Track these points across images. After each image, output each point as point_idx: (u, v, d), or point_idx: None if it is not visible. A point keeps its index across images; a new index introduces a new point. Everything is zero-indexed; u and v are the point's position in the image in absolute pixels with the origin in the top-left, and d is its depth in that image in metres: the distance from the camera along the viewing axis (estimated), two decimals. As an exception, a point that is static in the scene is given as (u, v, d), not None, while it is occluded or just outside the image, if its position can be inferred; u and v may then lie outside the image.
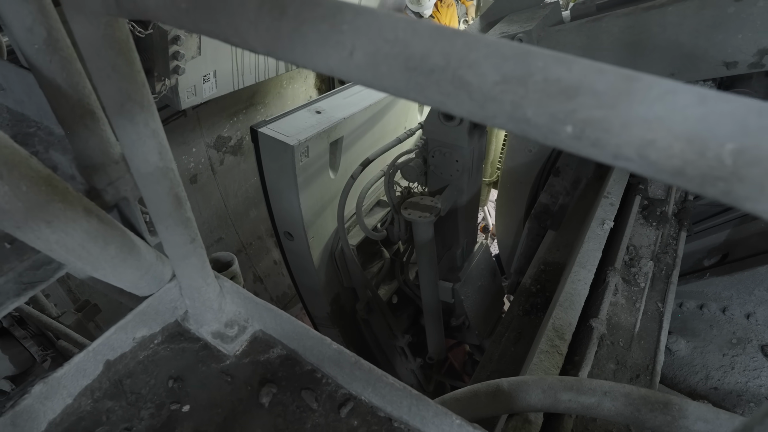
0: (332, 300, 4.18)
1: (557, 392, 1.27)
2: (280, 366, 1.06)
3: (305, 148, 3.19)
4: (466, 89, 0.36)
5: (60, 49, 0.75)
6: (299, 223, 3.52)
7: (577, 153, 0.35)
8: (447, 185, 3.19)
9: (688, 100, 0.31)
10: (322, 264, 3.94)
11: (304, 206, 3.42)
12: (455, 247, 3.66)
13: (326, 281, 4.04)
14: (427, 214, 3.05)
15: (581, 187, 3.22)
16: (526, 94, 0.34)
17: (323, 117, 3.45)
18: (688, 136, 0.31)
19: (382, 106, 4.02)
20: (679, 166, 0.31)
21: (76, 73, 0.77)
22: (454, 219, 3.47)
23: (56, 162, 0.89)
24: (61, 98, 0.77)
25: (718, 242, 2.81)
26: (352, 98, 3.82)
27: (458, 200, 3.30)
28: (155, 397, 1.01)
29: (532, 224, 3.21)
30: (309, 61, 0.42)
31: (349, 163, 3.55)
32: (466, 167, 3.09)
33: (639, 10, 2.41)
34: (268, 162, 3.35)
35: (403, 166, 3.23)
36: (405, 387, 0.88)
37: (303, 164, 3.24)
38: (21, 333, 2.92)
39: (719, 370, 2.34)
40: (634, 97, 0.32)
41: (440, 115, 2.89)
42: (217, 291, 1.03)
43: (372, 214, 4.22)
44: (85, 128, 0.81)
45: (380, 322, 4.17)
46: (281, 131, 3.18)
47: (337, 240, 3.86)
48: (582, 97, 0.33)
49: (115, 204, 0.93)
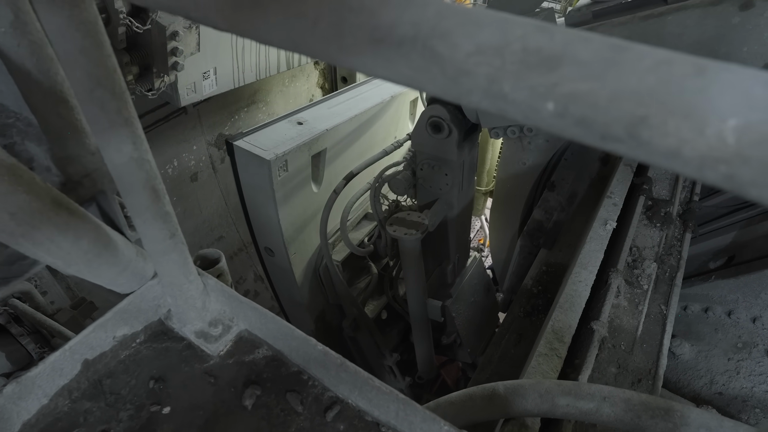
0: (317, 317, 4.03)
1: (554, 397, 1.23)
2: (265, 367, 1.02)
3: (283, 162, 3.06)
4: (438, 62, 0.33)
5: (29, 33, 0.71)
6: (279, 239, 3.39)
7: (561, 134, 0.31)
8: (436, 199, 3.07)
9: (685, 70, 0.27)
10: (306, 280, 3.80)
11: (283, 222, 3.29)
12: (446, 262, 3.54)
13: (310, 298, 3.90)
14: (414, 231, 2.93)
15: (577, 202, 3.11)
16: (502, 66, 0.30)
17: (304, 128, 3.31)
18: (685, 110, 0.27)
19: (369, 115, 3.86)
20: (675, 146, 0.27)
21: (47, 59, 0.74)
22: (444, 234, 3.35)
23: (32, 153, 0.86)
24: (32, 85, 0.73)
25: (724, 244, 2.75)
26: (336, 108, 3.67)
27: (448, 215, 3.18)
28: (135, 398, 0.97)
29: (525, 242, 3.05)
30: (270, 35, 0.38)
31: (334, 176, 3.42)
32: (456, 181, 2.98)
33: (637, 18, 2.31)
34: (245, 176, 3.23)
35: (390, 179, 3.09)
36: (392, 391, 0.84)
37: (282, 179, 3.12)
38: (18, 330, 2.90)
39: (724, 375, 2.29)
40: (624, 67, 0.28)
41: (428, 126, 2.78)
42: (201, 289, 1.00)
43: (360, 227, 4.07)
44: (59, 117, 0.77)
45: (367, 339, 4.03)
46: (258, 144, 3.06)
47: (321, 255, 3.71)
48: (565, 68, 0.29)
49: (92, 197, 0.89)
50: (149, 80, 3.21)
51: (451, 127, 2.70)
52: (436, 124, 2.74)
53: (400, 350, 4.21)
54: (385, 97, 3.98)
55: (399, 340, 4.26)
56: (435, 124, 2.75)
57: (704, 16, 2.15)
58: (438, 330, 3.74)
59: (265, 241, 3.56)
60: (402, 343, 4.27)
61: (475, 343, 3.79)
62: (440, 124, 2.73)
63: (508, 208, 3.53)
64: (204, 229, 5.08)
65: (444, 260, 3.53)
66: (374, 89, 4.11)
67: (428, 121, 2.76)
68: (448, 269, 3.54)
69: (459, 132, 2.73)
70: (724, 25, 2.14)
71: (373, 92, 4.04)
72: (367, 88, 4.11)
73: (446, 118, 2.69)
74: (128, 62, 2.97)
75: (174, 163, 4.51)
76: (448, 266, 3.53)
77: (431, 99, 2.81)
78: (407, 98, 4.34)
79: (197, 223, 4.99)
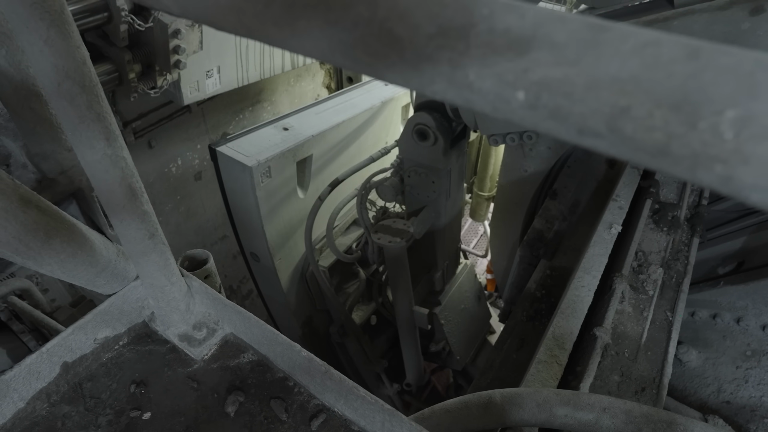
0: (304, 322, 4.03)
1: (553, 407, 1.18)
2: (250, 372, 0.99)
3: (266, 168, 3.07)
4: (397, 47, 0.29)
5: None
6: (263, 244, 3.40)
7: (533, 128, 0.27)
8: (424, 206, 3.04)
9: (675, 53, 0.23)
10: (293, 286, 3.80)
11: (267, 228, 3.30)
12: (434, 270, 3.51)
13: (297, 303, 3.90)
14: (398, 239, 2.92)
15: (579, 212, 3.03)
16: (466, 50, 0.27)
17: (290, 134, 3.31)
18: (675, 100, 0.23)
19: (359, 121, 3.83)
20: (662, 142, 0.23)
21: (18, 51, 0.71)
22: (432, 241, 3.32)
23: (10, 150, 0.83)
24: (2, 78, 0.71)
25: (733, 249, 2.69)
26: (324, 114, 3.66)
27: (436, 222, 3.15)
28: (115, 402, 0.94)
29: (524, 252, 2.95)
30: (214, 18, 0.35)
31: (322, 182, 3.41)
32: (443, 188, 2.95)
33: (640, 23, 2.25)
34: (229, 182, 3.24)
35: (378, 186, 3.07)
36: (377, 401, 0.80)
37: (264, 185, 3.12)
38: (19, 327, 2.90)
39: (732, 383, 2.23)
40: (604, 50, 0.24)
41: (414, 134, 2.75)
42: (184, 291, 0.97)
43: (349, 232, 4.05)
44: (31, 112, 0.74)
45: (355, 346, 4.01)
46: (241, 150, 3.07)
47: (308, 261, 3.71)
48: (537, 51, 0.25)
49: (71, 194, 0.86)
50: (152, 78, 3.20)
51: (437, 135, 2.68)
52: (422, 131, 2.73)
53: (389, 356, 4.17)
54: (375, 103, 3.96)
55: (388, 346, 4.22)
56: (421, 131, 2.73)
57: (712, 21, 2.05)
58: (427, 337, 3.70)
59: (251, 246, 3.57)
60: (391, 349, 4.22)
61: (465, 350, 3.75)
62: (426, 131, 2.71)
63: (509, 216, 3.46)
64: (207, 228, 5.07)
65: (432, 267, 3.50)
66: (365, 94, 4.09)
67: (414, 129, 2.74)
68: (436, 276, 3.51)
69: (445, 140, 2.71)
70: (733, 31, 2.04)
71: (363, 97, 4.02)
72: (357, 93, 4.09)
73: (432, 126, 2.67)
74: (130, 60, 2.96)
75: (178, 162, 4.50)
76: (437, 273, 3.50)
77: (418, 106, 2.78)
78: (399, 103, 4.30)
79: (200, 222, 4.98)
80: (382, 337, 4.18)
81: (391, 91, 4.14)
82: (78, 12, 2.60)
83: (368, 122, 3.93)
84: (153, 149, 4.27)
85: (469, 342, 3.79)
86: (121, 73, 3.03)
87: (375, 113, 3.99)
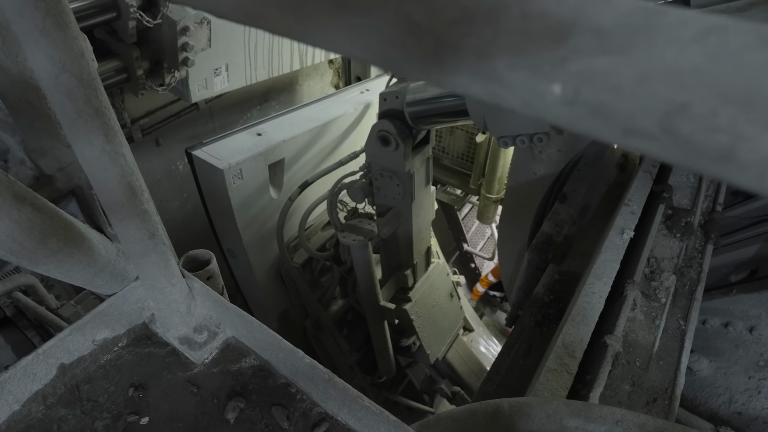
0: (280, 315, 4.27)
1: (563, 418, 1.14)
2: (251, 378, 0.96)
3: (238, 170, 3.29)
4: (416, 34, 0.25)
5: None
6: (238, 241, 3.65)
7: (570, 127, 0.24)
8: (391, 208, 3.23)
9: (744, 41, 0.20)
10: (268, 281, 4.03)
11: (241, 226, 3.54)
12: (404, 267, 3.69)
13: (273, 298, 4.14)
14: (362, 238, 3.12)
15: (589, 216, 2.98)
16: (495, 38, 0.23)
17: (262, 139, 3.54)
18: (744, 96, 0.19)
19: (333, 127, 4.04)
20: (727, 145, 0.20)
21: (14, 43, 0.68)
22: (401, 241, 3.51)
23: (8, 145, 0.81)
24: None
25: (747, 257, 2.63)
26: (296, 120, 3.89)
27: (405, 223, 3.32)
28: (113, 406, 0.92)
29: (533, 256, 2.94)
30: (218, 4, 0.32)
31: (297, 183, 3.62)
32: (408, 191, 3.11)
33: None
34: (204, 183, 3.49)
35: (348, 187, 3.25)
36: (382, 411, 0.77)
37: (236, 186, 3.34)
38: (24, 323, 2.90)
39: (744, 394, 2.18)
40: (659, 36, 0.21)
41: (378, 139, 2.90)
42: (185, 292, 0.94)
43: (327, 229, 4.25)
44: (29, 106, 0.72)
45: (329, 339, 4.27)
46: (214, 154, 3.31)
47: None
48: (578, 38, 0.22)
49: (70, 192, 0.84)
50: (160, 75, 3.19)
51: (398, 141, 2.84)
52: (384, 137, 2.88)
53: (364, 350, 4.41)
54: (348, 109, 4.18)
55: (363, 340, 4.46)
56: (383, 137, 2.89)
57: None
58: (398, 332, 3.91)
59: (227, 243, 3.84)
60: (366, 342, 4.42)
61: (436, 346, 3.93)
62: (388, 137, 2.87)
63: (517, 219, 3.43)
64: (214, 226, 5.06)
65: (402, 266, 3.68)
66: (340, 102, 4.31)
67: (377, 135, 2.90)
68: (407, 274, 3.68)
69: (406, 146, 2.88)
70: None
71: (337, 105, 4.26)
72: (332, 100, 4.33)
73: (393, 132, 2.82)
74: (138, 56, 2.95)
75: (185, 160, 4.49)
76: (406, 271, 3.67)
77: (381, 114, 2.92)
78: (374, 110, 4.45)
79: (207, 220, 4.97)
80: (357, 332, 4.42)
81: (365, 98, 4.37)
82: (87, 8, 2.59)
83: (341, 128, 4.15)
84: (160, 147, 4.27)
85: (439, 338, 3.97)
86: (129, 69, 3.03)
87: (349, 118, 4.21)
